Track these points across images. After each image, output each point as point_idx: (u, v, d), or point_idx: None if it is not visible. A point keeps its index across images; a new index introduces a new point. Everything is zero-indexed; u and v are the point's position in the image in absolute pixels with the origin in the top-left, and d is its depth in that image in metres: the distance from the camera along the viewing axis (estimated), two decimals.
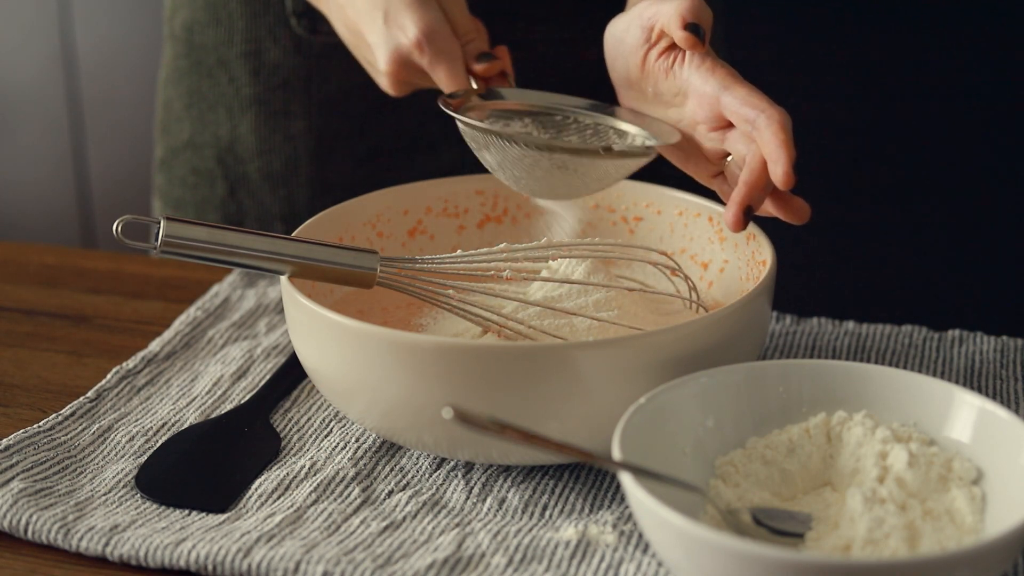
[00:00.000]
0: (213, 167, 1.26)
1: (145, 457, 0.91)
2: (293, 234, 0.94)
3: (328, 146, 1.23)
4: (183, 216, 1.26)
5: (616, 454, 0.77)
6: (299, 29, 1.20)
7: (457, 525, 0.85)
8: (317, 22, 1.19)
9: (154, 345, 1.05)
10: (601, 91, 1.00)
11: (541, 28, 1.20)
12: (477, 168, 0.99)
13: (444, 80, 0.99)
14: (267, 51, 1.21)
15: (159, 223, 0.86)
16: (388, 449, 0.92)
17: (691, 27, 0.91)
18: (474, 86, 1.00)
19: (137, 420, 0.96)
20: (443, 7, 1.00)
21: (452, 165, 1.21)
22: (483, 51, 1.01)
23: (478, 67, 1.00)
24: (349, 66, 1.13)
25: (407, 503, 0.87)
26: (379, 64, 1.01)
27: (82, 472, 0.90)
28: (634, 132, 0.96)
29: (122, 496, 0.88)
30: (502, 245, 0.94)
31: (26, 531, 0.84)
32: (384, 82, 1.02)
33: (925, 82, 1.91)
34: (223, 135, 1.24)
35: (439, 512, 0.86)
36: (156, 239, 0.86)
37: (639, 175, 1.04)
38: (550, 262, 0.93)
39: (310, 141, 1.23)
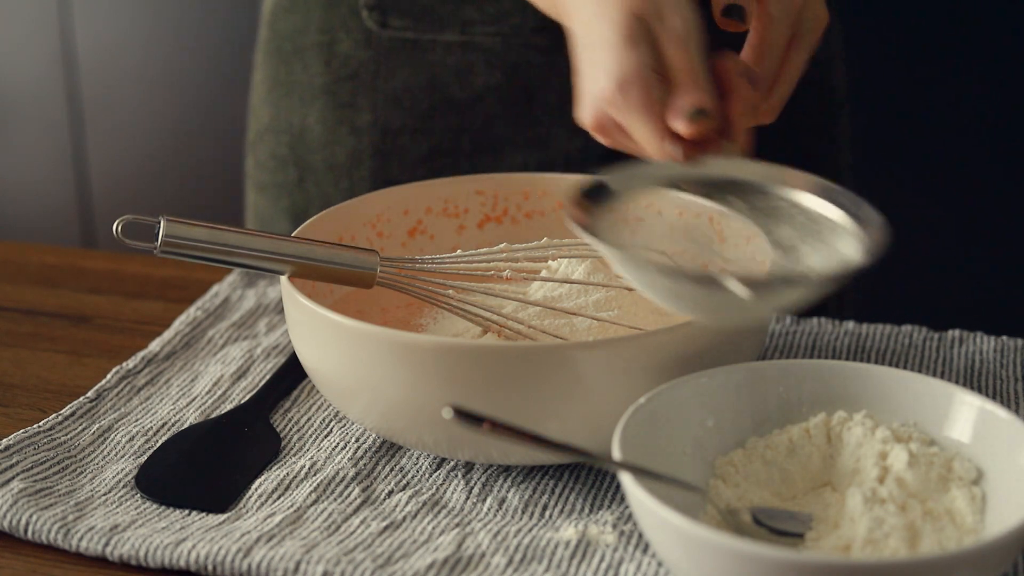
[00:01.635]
0: (287, 153, 1.25)
1: (145, 457, 0.91)
2: (293, 234, 0.94)
3: (391, 142, 1.22)
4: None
5: (616, 454, 0.77)
6: (369, 22, 1.19)
7: (457, 525, 0.85)
8: (387, 16, 1.18)
9: (154, 345, 1.05)
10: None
11: None
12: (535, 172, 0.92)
13: (641, 138, 0.80)
14: (339, 42, 1.21)
15: (159, 223, 0.86)
16: (388, 449, 0.92)
17: (728, 10, 0.84)
18: (673, 151, 0.80)
19: (137, 420, 0.96)
20: (656, 40, 0.80)
21: (515, 170, 1.19)
22: (698, 106, 0.79)
23: (681, 126, 0.79)
24: (415, 62, 1.12)
25: (407, 503, 0.87)
26: (582, 113, 0.83)
27: (82, 472, 0.90)
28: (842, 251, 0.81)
29: (122, 496, 0.88)
30: (502, 245, 0.94)
31: (26, 531, 0.84)
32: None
33: (924, 83, 1.91)
34: (295, 123, 1.24)
35: (439, 512, 0.86)
36: (156, 239, 0.86)
37: None
38: (550, 262, 0.93)
39: (374, 135, 1.22)
